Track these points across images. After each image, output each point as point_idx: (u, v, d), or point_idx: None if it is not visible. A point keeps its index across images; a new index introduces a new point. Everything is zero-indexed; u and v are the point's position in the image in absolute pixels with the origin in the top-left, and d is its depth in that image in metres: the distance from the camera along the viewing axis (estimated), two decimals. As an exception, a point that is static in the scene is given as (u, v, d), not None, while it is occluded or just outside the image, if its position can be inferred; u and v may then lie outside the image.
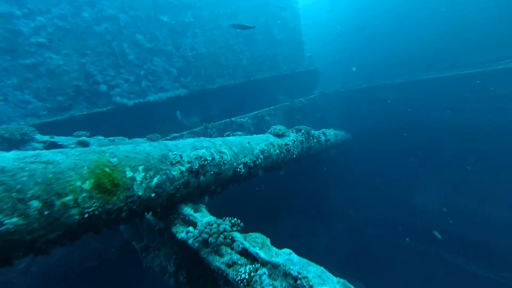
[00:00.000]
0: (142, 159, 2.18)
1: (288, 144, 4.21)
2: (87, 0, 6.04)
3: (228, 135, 3.94)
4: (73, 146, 4.58)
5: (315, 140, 5.26)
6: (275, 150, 3.92)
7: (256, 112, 7.80)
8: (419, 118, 8.23)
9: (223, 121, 7.33)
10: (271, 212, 8.14)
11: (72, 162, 1.74)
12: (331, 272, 1.87)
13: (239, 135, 3.92)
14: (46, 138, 4.29)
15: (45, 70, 5.65)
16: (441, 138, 8.11)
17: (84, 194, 1.70)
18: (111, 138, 5.14)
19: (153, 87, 7.10)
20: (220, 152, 3.01)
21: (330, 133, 6.63)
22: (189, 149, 2.71)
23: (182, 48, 7.49)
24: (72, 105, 6.03)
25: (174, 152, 2.51)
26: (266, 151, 3.71)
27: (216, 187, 3.05)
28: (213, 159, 2.86)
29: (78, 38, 5.93)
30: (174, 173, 2.41)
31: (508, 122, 6.83)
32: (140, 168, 2.12)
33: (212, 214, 2.58)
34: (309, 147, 5.03)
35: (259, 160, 3.53)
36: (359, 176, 9.64)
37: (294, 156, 4.43)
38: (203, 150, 2.80)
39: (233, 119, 7.41)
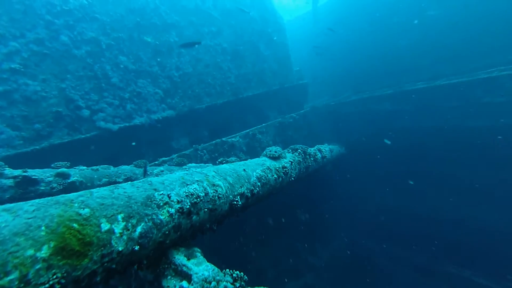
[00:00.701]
0: (122, 205, 1.77)
1: (285, 167, 3.86)
2: (66, 23, 5.67)
3: (221, 162, 3.56)
4: (51, 179, 4.11)
5: (311, 159, 4.94)
6: (273, 175, 3.56)
7: (247, 130, 7.47)
8: (409, 127, 8.07)
9: (214, 141, 6.96)
10: (267, 231, 7.73)
11: (23, 223, 1.33)
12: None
13: (233, 161, 3.54)
14: (17, 172, 3.80)
15: (20, 97, 5.18)
16: (432, 145, 7.96)
17: (38, 266, 1.28)
18: (94, 167, 4.67)
19: (139, 110, 6.69)
20: (213, 185, 2.62)
21: (326, 148, 6.33)
22: (178, 186, 2.31)
23: (167, 69, 7.15)
24: (51, 132, 5.55)
25: (161, 192, 2.11)
26: (263, 177, 3.34)
27: (211, 224, 2.65)
28: (206, 194, 2.47)
29: (57, 62, 5.51)
30: (162, 217, 2.01)
31: (494, 128, 6.74)
32: (120, 216, 1.71)
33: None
34: (306, 167, 4.70)
35: (257, 188, 3.16)
36: (355, 189, 9.35)
37: (293, 178, 4.08)
38: (195, 186, 2.41)
39: (223, 139, 7.05)
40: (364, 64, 10.94)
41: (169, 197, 2.13)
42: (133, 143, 6.48)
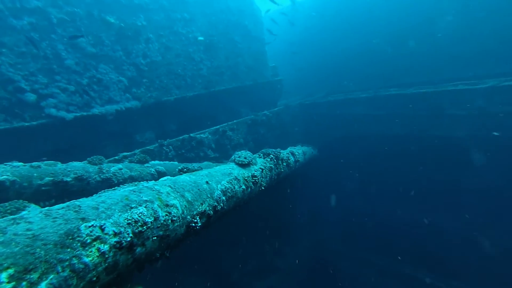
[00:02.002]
0: (14, 253, 1.17)
1: (255, 176, 3.37)
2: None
3: (182, 171, 2.99)
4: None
5: (284, 164, 4.49)
6: (240, 186, 3.06)
7: (218, 126, 6.89)
8: (379, 133, 7.93)
9: (181, 137, 6.31)
10: (232, 232, 7.29)
11: None
12: None
13: (196, 170, 2.99)
14: None
15: None
16: (399, 152, 7.90)
17: None
18: (34, 163, 3.90)
19: (99, 98, 5.87)
20: (167, 205, 2.06)
21: (299, 151, 5.93)
22: (119, 210, 1.74)
23: (133, 55, 6.35)
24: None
25: (91, 223, 1.53)
26: (229, 190, 2.83)
27: (162, 252, 2.10)
28: (156, 219, 1.92)
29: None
30: (89, 258, 1.43)
31: (454, 138, 6.74)
32: (6, 274, 1.12)
33: None
34: (278, 173, 4.25)
35: (221, 203, 2.65)
36: (323, 190, 9.14)
37: (263, 187, 3.62)
38: (141, 209, 1.85)
39: (192, 135, 6.42)
40: (340, 66, 10.68)
41: (102, 229, 1.56)
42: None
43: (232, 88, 8.26)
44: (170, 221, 2.05)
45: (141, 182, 2.27)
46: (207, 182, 2.62)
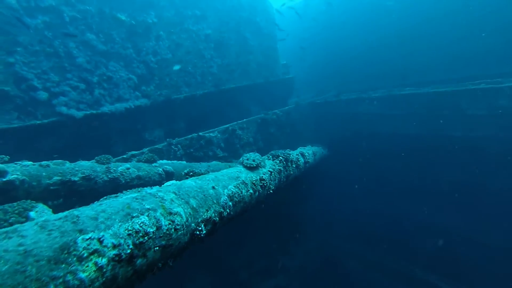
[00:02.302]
0: (4, 272, 1.10)
1: (264, 180, 3.26)
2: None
3: (188, 174, 2.90)
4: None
5: (294, 166, 4.37)
6: (248, 190, 2.95)
7: (227, 125, 6.79)
8: (392, 132, 7.70)
9: (190, 136, 6.24)
10: (240, 231, 7.23)
11: None
12: None
13: (203, 173, 2.89)
14: None
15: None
16: (412, 152, 7.67)
17: None
18: (44, 162, 3.89)
19: (108, 96, 5.85)
20: (170, 213, 1.98)
21: (309, 152, 5.78)
22: (119, 220, 1.66)
23: (143, 53, 6.30)
24: (-5, 115, 4.68)
25: (88, 235, 1.45)
26: (236, 195, 2.73)
27: (164, 262, 2.02)
28: (158, 228, 1.83)
29: (1, 30, 4.55)
30: (85, 274, 1.36)
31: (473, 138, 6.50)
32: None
33: None
34: (287, 176, 4.13)
35: (227, 209, 2.55)
36: (334, 189, 8.98)
37: (271, 191, 3.51)
38: (143, 219, 1.76)
39: (200, 133, 6.35)
40: (353, 63, 10.42)
41: (101, 242, 1.48)
42: None
43: (243, 86, 8.14)
44: (173, 230, 1.97)
45: (145, 188, 2.19)
46: (213, 187, 2.53)
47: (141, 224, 1.74)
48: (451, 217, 7.64)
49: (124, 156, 5.36)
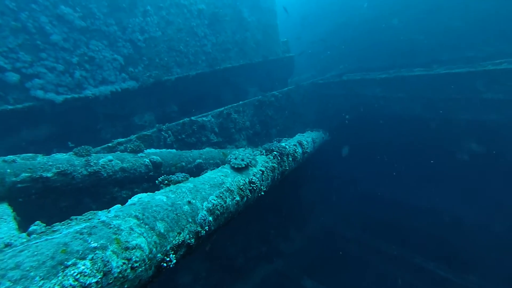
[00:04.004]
0: None
1: (253, 183, 2.73)
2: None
3: (162, 183, 2.36)
4: None
5: (290, 159, 3.83)
6: (234, 198, 2.43)
7: (221, 109, 6.19)
8: (398, 115, 7.12)
9: (181, 121, 5.66)
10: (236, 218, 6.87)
11: None
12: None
13: (180, 180, 2.36)
14: None
15: None
16: (420, 136, 7.16)
17: None
18: (9, 157, 3.37)
19: (91, 79, 5.22)
20: (127, 248, 1.48)
21: (308, 139, 5.22)
22: (42, 277, 1.16)
23: (129, 30, 5.58)
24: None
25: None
26: (219, 207, 2.21)
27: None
28: (106, 273, 1.33)
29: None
30: None
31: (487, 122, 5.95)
32: None
33: None
34: (282, 172, 3.61)
35: (206, 226, 2.04)
36: (335, 174, 8.55)
37: (262, 193, 3.00)
38: (81, 267, 1.26)
39: (193, 118, 5.76)
40: (358, 40, 9.58)
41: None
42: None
43: (239, 66, 7.43)
44: (130, 269, 1.47)
45: (98, 213, 1.67)
46: (189, 202, 2.01)
47: (78, 276, 1.24)
48: (455, 204, 7.25)
49: (110, 144, 4.82)
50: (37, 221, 1.86)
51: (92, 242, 1.41)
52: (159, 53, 6.02)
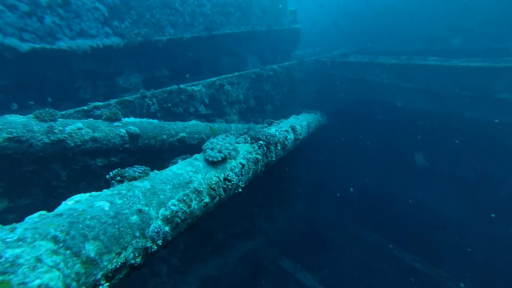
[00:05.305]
0: None
1: (229, 180, 2.21)
2: None
3: (115, 179, 1.81)
4: None
5: (279, 148, 3.29)
6: (202, 200, 1.93)
7: (214, 79, 5.52)
8: (401, 106, 6.57)
9: (169, 88, 4.99)
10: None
11: None
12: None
13: (138, 177, 1.81)
14: None
15: None
16: (420, 129, 6.69)
17: None
18: None
19: (67, 28, 4.45)
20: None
21: (302, 124, 4.64)
22: None
23: (116, -25, 4.73)
24: None
25: None
26: (180, 213, 1.71)
27: None
28: None
29: None
30: None
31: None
32: None
33: None
34: (267, 164, 3.09)
35: (159, 241, 1.57)
36: (328, 159, 8.12)
37: (240, 189, 2.50)
38: None
39: (182, 86, 5.09)
40: (371, 20, 8.67)
41: None
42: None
43: (240, 33, 6.59)
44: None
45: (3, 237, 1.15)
46: (139, 210, 1.51)
47: None
48: (446, 204, 6.96)
49: (85, 107, 4.20)
50: None
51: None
52: (151, 8, 5.19)
